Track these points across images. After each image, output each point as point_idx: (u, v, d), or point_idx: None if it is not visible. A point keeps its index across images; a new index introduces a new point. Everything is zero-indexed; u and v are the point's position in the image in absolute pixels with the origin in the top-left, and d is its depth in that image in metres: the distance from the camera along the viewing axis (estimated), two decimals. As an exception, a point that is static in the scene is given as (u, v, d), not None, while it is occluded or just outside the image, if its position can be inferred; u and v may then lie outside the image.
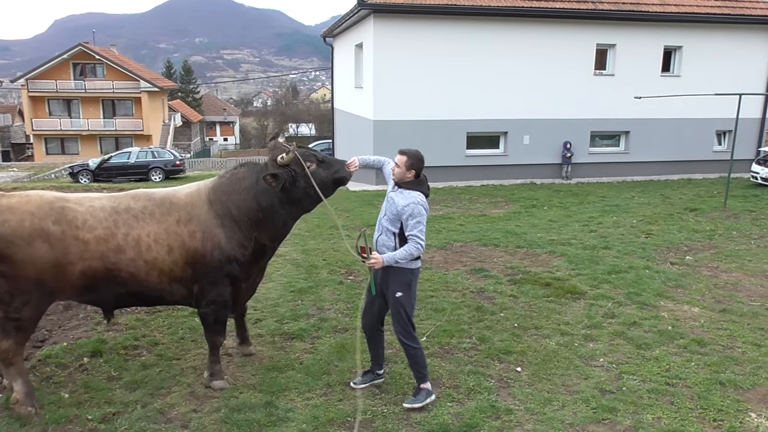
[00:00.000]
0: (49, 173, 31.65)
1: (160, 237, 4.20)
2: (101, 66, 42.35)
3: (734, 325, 5.72)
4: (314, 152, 4.49)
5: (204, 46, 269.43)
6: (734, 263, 8.01)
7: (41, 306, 4.14)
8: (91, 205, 4.17)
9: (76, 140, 42.67)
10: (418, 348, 4.28)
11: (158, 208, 4.29)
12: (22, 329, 4.06)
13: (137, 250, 4.14)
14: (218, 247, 4.29)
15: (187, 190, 4.48)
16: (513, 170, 17.39)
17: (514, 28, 16.66)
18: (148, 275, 4.20)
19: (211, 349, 4.58)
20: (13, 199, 4.01)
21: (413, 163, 4.20)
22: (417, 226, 4.10)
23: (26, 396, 4.11)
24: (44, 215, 3.96)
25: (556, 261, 8.17)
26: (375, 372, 4.61)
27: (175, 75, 65.97)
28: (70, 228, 3.99)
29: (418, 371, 4.30)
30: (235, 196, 4.37)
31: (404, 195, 4.18)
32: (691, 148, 18.28)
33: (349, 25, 18.86)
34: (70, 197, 4.25)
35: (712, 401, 4.27)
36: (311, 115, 70.53)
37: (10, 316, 3.99)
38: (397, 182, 4.26)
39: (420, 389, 4.28)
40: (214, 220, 4.31)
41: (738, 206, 12.36)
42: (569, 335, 5.49)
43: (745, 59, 18.03)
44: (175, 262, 4.23)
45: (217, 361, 4.61)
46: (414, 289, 4.29)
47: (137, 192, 4.43)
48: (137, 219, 4.20)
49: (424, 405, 4.21)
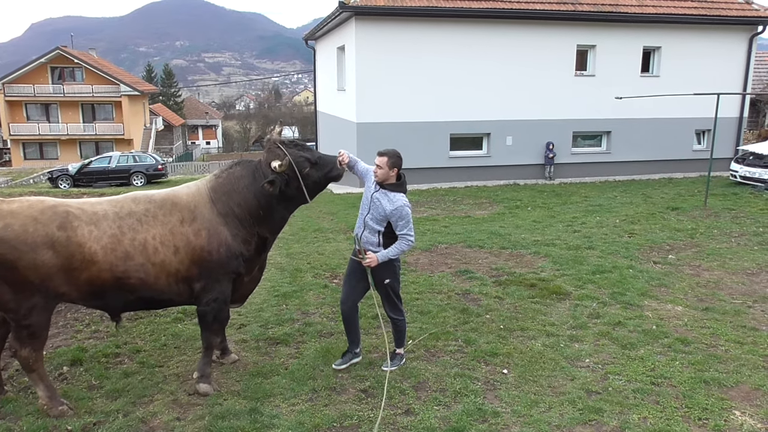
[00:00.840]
0: (28, 178, 31.10)
1: (165, 238, 4.17)
2: (80, 70, 41.77)
3: (717, 323, 5.78)
4: (307, 153, 4.49)
5: (185, 49, 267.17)
6: (716, 261, 8.11)
7: (49, 309, 4.10)
8: (93, 212, 4.10)
9: (55, 145, 42.04)
10: (403, 319, 4.92)
11: (160, 209, 4.25)
12: (35, 336, 4.03)
13: (145, 254, 4.10)
14: (224, 244, 4.31)
15: (187, 191, 4.45)
16: (496, 171, 17.47)
17: (495, 29, 16.75)
18: (157, 278, 4.17)
19: (206, 349, 4.55)
20: (14, 205, 3.94)
21: (395, 161, 4.49)
22: (407, 226, 4.49)
23: (51, 399, 4.12)
24: (48, 220, 3.89)
25: (541, 262, 8.20)
26: (353, 351, 4.98)
27: (156, 78, 65.36)
28: (74, 235, 3.92)
29: (399, 338, 4.93)
30: (236, 195, 4.40)
31: (390, 198, 4.47)
32: (671, 147, 18.53)
33: (330, 28, 18.82)
34: (72, 203, 4.18)
35: (696, 400, 4.29)
36: (294, 117, 70.25)
37: (21, 324, 3.95)
38: (380, 183, 4.50)
39: (396, 353, 4.92)
40: (217, 218, 4.33)
41: (718, 205, 12.53)
42: (555, 336, 5.50)
43: (723, 59, 18.33)
44: (182, 262, 4.22)
45: (209, 364, 4.58)
46: (398, 274, 4.84)
47: (136, 194, 4.38)
48: (141, 222, 4.16)
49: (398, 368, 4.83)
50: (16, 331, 4.02)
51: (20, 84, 40.50)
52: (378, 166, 4.47)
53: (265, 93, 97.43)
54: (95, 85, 41.46)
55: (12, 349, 4.08)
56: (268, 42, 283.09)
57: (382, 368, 4.79)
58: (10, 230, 3.77)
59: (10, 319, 4.01)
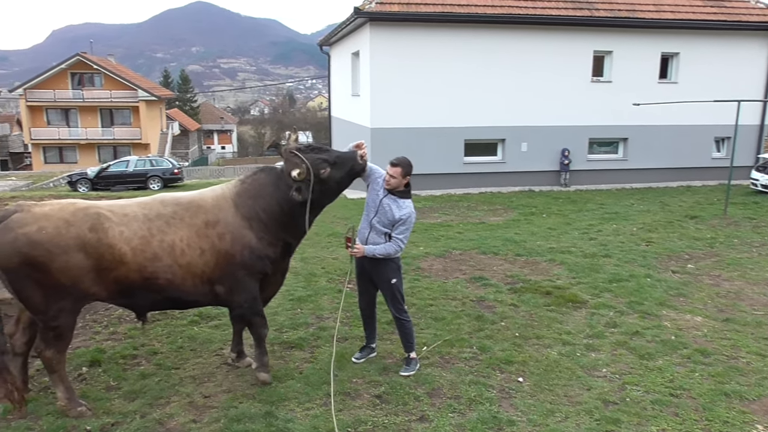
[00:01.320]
0: (48, 182, 31.57)
1: (192, 240, 4.23)
2: (99, 76, 42.45)
3: (738, 334, 5.68)
4: (324, 155, 4.50)
5: (201, 55, 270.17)
6: (736, 271, 7.98)
7: (76, 312, 4.18)
8: (124, 214, 4.17)
9: (74, 149, 42.70)
10: (408, 320, 4.95)
11: (186, 212, 4.31)
12: (61, 337, 4.10)
13: (173, 256, 4.16)
14: (248, 246, 4.37)
15: (212, 194, 4.51)
16: (511, 177, 17.38)
17: (510, 35, 16.70)
18: (183, 280, 4.23)
19: (258, 341, 4.67)
20: (47, 207, 4.01)
21: (407, 171, 4.65)
22: (405, 232, 4.67)
23: (70, 400, 4.18)
24: (80, 222, 3.96)
25: (556, 269, 8.13)
26: (370, 346, 5.19)
27: (173, 84, 66.14)
28: (105, 236, 3.98)
29: (409, 341, 4.92)
30: (261, 201, 4.46)
31: (399, 204, 4.63)
32: (689, 155, 18.30)
33: (345, 34, 18.91)
34: (102, 204, 4.26)
35: (717, 413, 4.22)
36: (308, 123, 70.65)
37: (48, 325, 4.01)
38: (390, 190, 4.65)
39: (411, 359, 4.92)
40: (241, 222, 4.38)
41: (738, 213, 12.35)
42: (571, 345, 5.44)
43: (743, 65, 18.08)
44: (207, 263, 4.28)
45: (266, 353, 4.72)
46: (401, 272, 4.93)
47: (164, 196, 4.45)
48: (169, 224, 4.22)
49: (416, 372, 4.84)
50: (42, 332, 4.08)
51: (41, 89, 41.27)
52: (392, 176, 4.58)
53: (279, 98, 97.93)
54: (113, 90, 42.10)
55: (37, 349, 4.14)
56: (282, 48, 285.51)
57: (400, 374, 4.82)
58: (44, 233, 3.84)
59: (39, 320, 4.06)
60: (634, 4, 17.51)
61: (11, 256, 3.80)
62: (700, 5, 18.05)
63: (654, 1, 17.79)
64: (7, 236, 3.81)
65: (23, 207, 3.98)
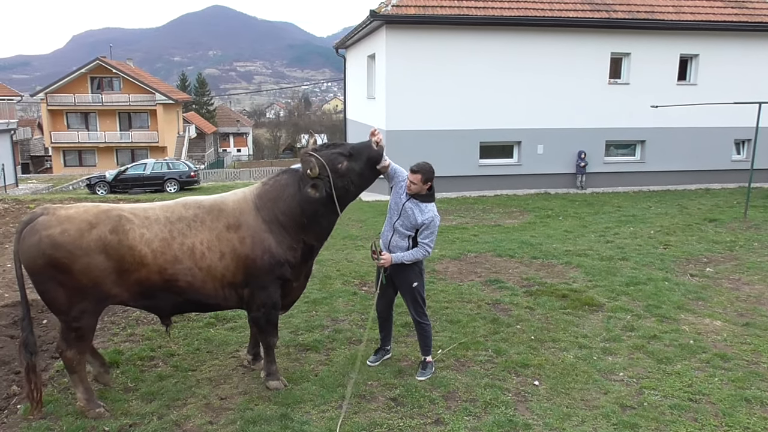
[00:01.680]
0: (67, 185, 32.09)
1: (212, 244, 4.27)
2: (118, 79, 43.08)
3: (758, 339, 5.59)
4: (341, 148, 4.49)
5: (217, 58, 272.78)
6: (756, 275, 7.85)
7: (98, 313, 4.25)
8: (146, 216, 4.23)
9: (93, 152, 43.37)
10: (428, 324, 4.96)
11: (208, 215, 4.36)
12: (83, 338, 4.18)
13: (193, 259, 4.21)
14: (268, 251, 4.38)
15: (234, 197, 4.55)
16: (527, 180, 17.28)
17: (526, 37, 16.63)
18: (204, 282, 4.27)
19: (267, 349, 4.69)
20: (71, 210, 4.10)
21: (428, 177, 4.63)
22: (430, 236, 4.67)
23: (89, 401, 4.25)
24: (102, 224, 4.03)
25: (573, 272, 8.07)
26: (385, 348, 5.20)
27: (190, 87, 66.79)
28: (126, 238, 4.04)
29: (426, 345, 4.93)
30: (281, 203, 4.47)
31: (421, 209, 4.62)
32: (709, 157, 18.04)
33: (361, 37, 18.97)
34: (124, 207, 4.33)
35: (737, 418, 4.15)
36: (323, 125, 70.90)
37: (71, 326, 4.10)
38: (413, 195, 4.65)
39: (427, 362, 4.91)
40: (262, 226, 4.40)
41: (759, 217, 12.15)
42: (587, 348, 5.40)
43: (764, 67, 17.79)
44: (227, 267, 4.31)
45: (273, 361, 4.72)
46: (424, 276, 4.91)
47: (186, 200, 4.49)
48: (190, 227, 4.27)
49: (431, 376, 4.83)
50: (64, 332, 4.16)
51: (62, 93, 42.01)
52: (412, 182, 4.58)
53: (294, 101, 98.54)
54: (132, 94, 42.71)
55: (59, 349, 4.22)
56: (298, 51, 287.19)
57: (416, 377, 4.82)
58: (66, 235, 3.92)
59: (61, 320, 4.15)
60: (653, 5, 17.33)
61: (36, 258, 3.90)
62: (720, 6, 17.81)
63: (673, 3, 17.59)
64: (32, 239, 3.91)
65: (48, 210, 4.07)
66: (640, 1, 17.41)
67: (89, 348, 4.47)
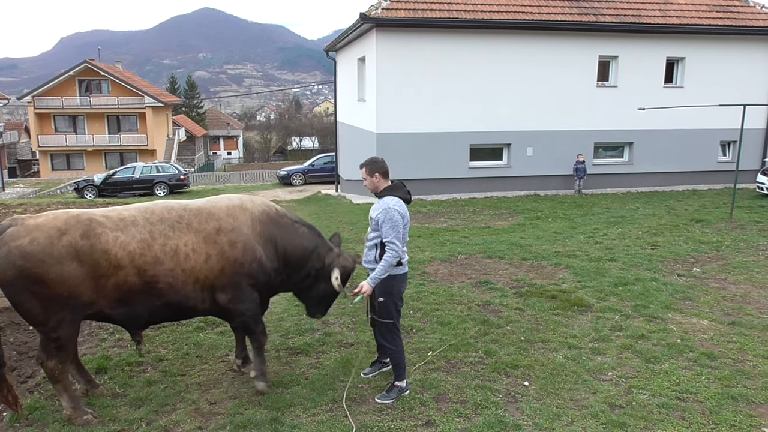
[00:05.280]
0: (55, 189, 31.79)
1: (198, 246, 4.25)
2: (106, 82, 42.79)
3: (744, 338, 5.65)
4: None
5: (208, 61, 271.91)
6: (742, 275, 7.94)
7: (77, 322, 4.16)
8: (120, 219, 4.17)
9: (82, 156, 43.01)
10: (395, 349, 4.51)
11: (195, 217, 4.35)
12: (63, 348, 4.10)
13: (176, 260, 4.18)
14: (257, 261, 4.43)
15: (228, 202, 4.55)
16: (516, 182, 17.37)
17: (516, 40, 16.73)
18: (185, 284, 4.24)
19: (258, 349, 4.68)
20: (40, 219, 4.03)
21: (372, 168, 4.34)
22: (391, 232, 4.18)
23: (75, 409, 4.20)
24: (72, 230, 3.96)
25: (562, 273, 8.12)
26: (381, 361, 4.95)
27: (179, 90, 66.52)
28: (98, 242, 3.98)
29: (395, 369, 4.57)
30: (285, 239, 4.63)
31: (379, 203, 4.35)
32: (695, 159, 18.26)
33: (351, 39, 18.99)
34: (97, 211, 4.27)
35: (724, 416, 4.20)
36: (314, 128, 70.87)
37: (49, 336, 4.02)
38: (375, 193, 4.43)
39: (393, 386, 4.55)
40: (258, 238, 4.47)
41: (744, 217, 12.29)
42: (577, 348, 5.43)
43: (749, 70, 18.05)
44: (212, 270, 4.29)
45: (264, 362, 4.71)
46: (396, 293, 4.44)
47: (169, 202, 4.47)
48: (173, 229, 4.24)
49: (393, 402, 4.44)
50: (43, 342, 4.09)
51: (49, 96, 41.63)
52: (363, 178, 4.41)
53: (285, 104, 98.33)
54: (120, 97, 42.41)
55: (39, 360, 4.15)
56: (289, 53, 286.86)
57: (375, 399, 4.50)
58: (36, 244, 3.84)
59: (39, 331, 4.09)
60: (640, 9, 17.51)
61: (6, 270, 3.80)
62: (705, 10, 18.02)
63: (660, 7, 17.78)
64: (1, 251, 3.82)
65: (17, 220, 3.98)
66: (628, 5, 17.59)
67: (72, 358, 4.41)
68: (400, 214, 4.22)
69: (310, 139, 69.29)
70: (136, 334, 4.46)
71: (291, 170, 27.48)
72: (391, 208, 4.18)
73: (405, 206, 4.34)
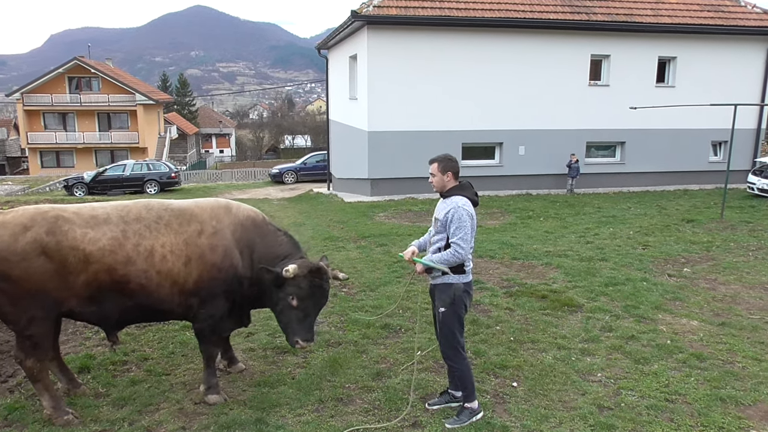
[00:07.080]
0: (44, 186, 31.51)
1: (177, 248, 4.13)
2: (96, 79, 42.41)
3: (734, 339, 5.64)
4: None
5: (200, 59, 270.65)
6: (732, 275, 7.94)
7: (50, 319, 4.06)
8: (92, 215, 4.07)
9: (72, 153, 42.63)
10: (459, 367, 4.12)
11: (176, 218, 4.22)
12: (38, 346, 4.02)
13: (150, 261, 4.06)
14: (234, 267, 4.28)
15: (213, 204, 4.43)
16: (508, 181, 17.36)
17: (508, 39, 16.72)
18: (159, 287, 4.12)
19: (208, 360, 4.50)
20: (8, 215, 3.95)
21: (445, 165, 4.09)
22: (457, 232, 3.91)
23: (56, 409, 4.12)
24: (37, 226, 3.87)
25: (553, 273, 8.09)
26: (450, 392, 4.39)
27: (171, 88, 66.09)
28: (65, 239, 3.88)
29: (463, 390, 4.18)
30: (262, 247, 4.37)
31: (446, 202, 4.08)
32: (686, 158, 18.32)
33: (343, 37, 18.90)
34: (67, 208, 4.16)
35: (712, 418, 4.17)
36: (307, 126, 70.63)
37: (23, 335, 3.96)
38: (440, 192, 4.16)
39: (464, 408, 4.16)
40: (236, 244, 4.31)
41: (735, 217, 12.33)
42: (566, 349, 5.40)
43: (740, 70, 18.13)
44: (190, 273, 4.17)
45: (214, 374, 4.54)
46: (458, 304, 4.08)
47: (150, 202, 4.35)
48: (150, 229, 4.12)
49: (467, 424, 4.07)
50: (19, 341, 4.02)
51: (39, 93, 41.21)
52: (431, 174, 4.13)
53: (278, 102, 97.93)
54: (111, 94, 42.07)
55: (17, 359, 4.08)
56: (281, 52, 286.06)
57: (445, 425, 4.08)
58: (0, 241, 3.77)
59: (12, 329, 4.02)
60: (632, 8, 17.55)
61: None
62: (697, 10, 18.08)
63: (651, 6, 17.83)
64: None
65: None
66: (620, 4, 17.63)
67: (54, 356, 4.34)
68: (469, 215, 3.96)
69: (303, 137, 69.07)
70: (111, 334, 4.38)
71: (283, 168, 27.44)
72: (460, 208, 3.94)
73: (473, 208, 4.07)
